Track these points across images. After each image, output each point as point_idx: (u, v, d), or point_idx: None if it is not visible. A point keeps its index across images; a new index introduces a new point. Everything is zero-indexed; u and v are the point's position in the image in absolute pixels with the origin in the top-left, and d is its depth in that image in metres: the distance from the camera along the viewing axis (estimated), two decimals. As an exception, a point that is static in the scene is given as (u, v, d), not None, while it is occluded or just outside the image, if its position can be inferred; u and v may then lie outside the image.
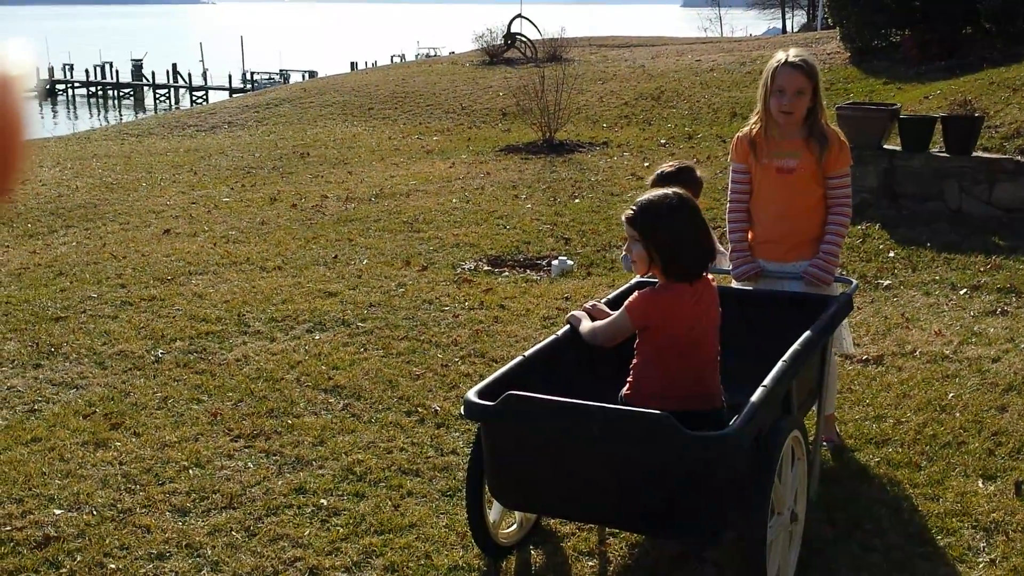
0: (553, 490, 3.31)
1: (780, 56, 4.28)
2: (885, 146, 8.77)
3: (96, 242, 8.90)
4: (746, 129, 4.49)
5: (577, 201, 9.97)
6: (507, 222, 9.15)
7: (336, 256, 8.15)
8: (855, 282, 4.47)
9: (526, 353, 3.71)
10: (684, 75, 17.45)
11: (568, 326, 3.86)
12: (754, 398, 3.13)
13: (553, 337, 3.85)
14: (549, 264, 7.79)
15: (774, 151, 4.37)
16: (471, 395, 3.29)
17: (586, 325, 3.71)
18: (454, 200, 10.22)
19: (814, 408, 4.16)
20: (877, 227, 8.13)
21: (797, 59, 4.24)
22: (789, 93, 4.20)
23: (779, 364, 3.39)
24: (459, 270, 7.68)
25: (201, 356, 5.93)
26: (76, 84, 62.58)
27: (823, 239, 4.38)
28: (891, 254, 7.55)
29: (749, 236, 4.55)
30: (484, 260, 7.96)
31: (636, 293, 3.47)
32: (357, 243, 8.61)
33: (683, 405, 3.25)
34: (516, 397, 3.13)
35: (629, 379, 3.49)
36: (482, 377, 5.50)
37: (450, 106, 17.39)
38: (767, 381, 3.27)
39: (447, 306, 6.77)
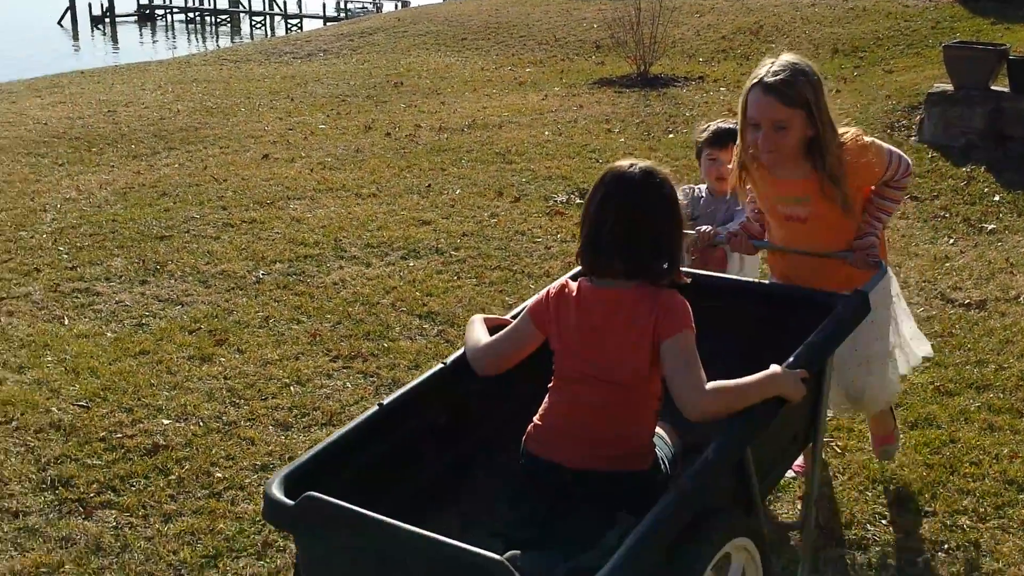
0: None
1: (758, 71, 3.10)
2: (992, 87, 8.47)
3: (197, 164, 9.10)
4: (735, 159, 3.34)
5: (671, 136, 9.85)
6: (600, 155, 9.10)
7: (429, 185, 8.21)
8: (885, 267, 3.24)
9: (385, 401, 2.69)
10: (784, 9, 16.97)
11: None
12: (634, 536, 2.09)
13: (435, 369, 2.88)
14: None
15: (777, 195, 3.31)
16: (274, 488, 2.32)
17: (472, 338, 2.84)
18: (547, 133, 10.17)
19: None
20: (982, 169, 7.88)
21: (775, 78, 3.03)
22: (765, 127, 3.08)
23: (701, 461, 2.32)
24: (551, 202, 7.68)
25: (300, 278, 6.07)
26: (175, 10, 63.40)
27: (870, 209, 3.31)
28: (996, 197, 7.33)
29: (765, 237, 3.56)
30: (576, 193, 7.94)
31: None
32: (450, 173, 8.65)
33: (590, 458, 2.50)
34: (314, 502, 2.20)
35: (540, 410, 2.67)
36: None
37: (543, 38, 17.22)
38: (678, 490, 2.23)
39: (539, 238, 6.79)
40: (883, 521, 3.50)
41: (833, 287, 3.12)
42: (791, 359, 2.63)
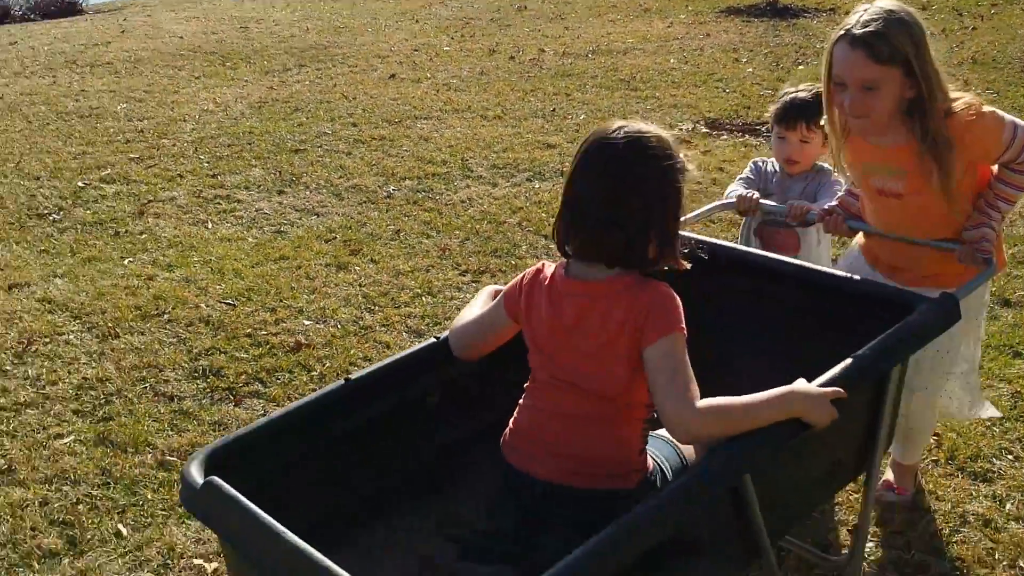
0: None
1: (847, 20, 2.61)
2: None
3: (327, 82, 9.32)
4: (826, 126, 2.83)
5: (801, 68, 9.67)
6: (727, 85, 9.01)
7: (554, 109, 8.27)
8: (994, 265, 2.66)
9: (353, 376, 2.30)
10: (923, -59, 16.35)
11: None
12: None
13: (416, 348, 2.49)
14: (769, 130, 7.66)
15: (867, 161, 2.78)
16: (192, 467, 1.95)
17: (462, 314, 2.52)
18: (672, 60, 10.09)
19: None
20: None
21: (864, 30, 2.53)
22: (852, 88, 2.60)
23: (672, 485, 1.90)
24: (676, 130, 7.65)
25: (429, 195, 6.23)
26: (296, -71, 63.89)
27: (987, 194, 2.73)
28: None
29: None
30: (702, 122, 7.91)
31: None
32: (574, 98, 8.68)
33: (564, 472, 2.13)
34: (214, 489, 1.85)
35: (516, 412, 2.31)
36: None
37: (669, -35, 16.92)
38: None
39: (664, 165, 6.80)
40: (1009, 456, 3.52)
41: (939, 283, 2.64)
42: (829, 373, 2.10)
